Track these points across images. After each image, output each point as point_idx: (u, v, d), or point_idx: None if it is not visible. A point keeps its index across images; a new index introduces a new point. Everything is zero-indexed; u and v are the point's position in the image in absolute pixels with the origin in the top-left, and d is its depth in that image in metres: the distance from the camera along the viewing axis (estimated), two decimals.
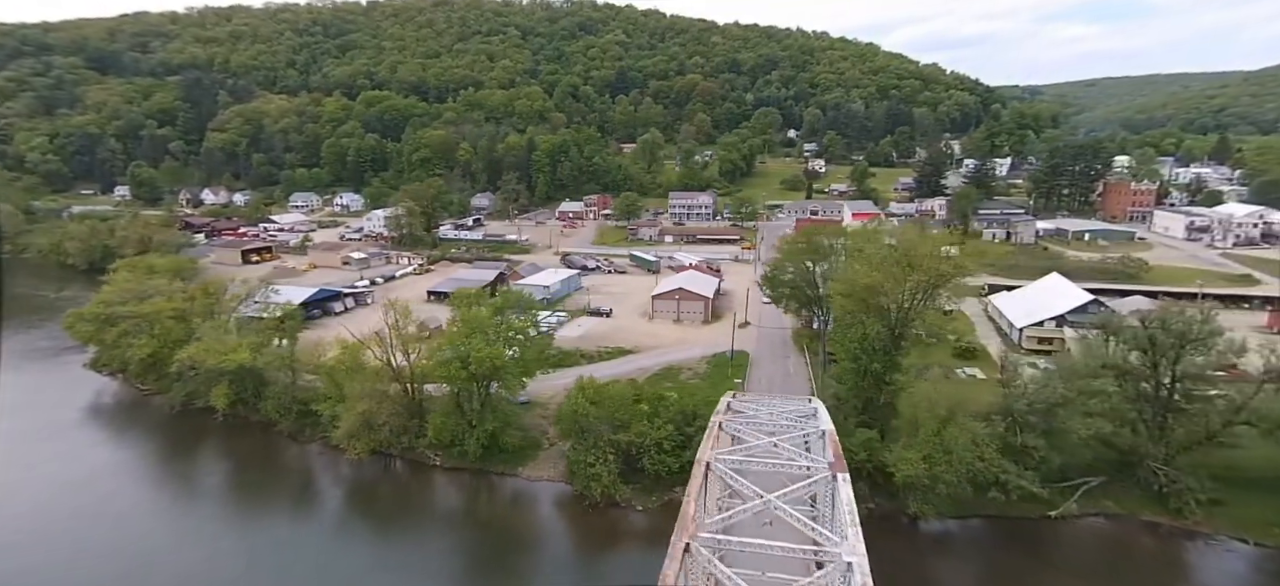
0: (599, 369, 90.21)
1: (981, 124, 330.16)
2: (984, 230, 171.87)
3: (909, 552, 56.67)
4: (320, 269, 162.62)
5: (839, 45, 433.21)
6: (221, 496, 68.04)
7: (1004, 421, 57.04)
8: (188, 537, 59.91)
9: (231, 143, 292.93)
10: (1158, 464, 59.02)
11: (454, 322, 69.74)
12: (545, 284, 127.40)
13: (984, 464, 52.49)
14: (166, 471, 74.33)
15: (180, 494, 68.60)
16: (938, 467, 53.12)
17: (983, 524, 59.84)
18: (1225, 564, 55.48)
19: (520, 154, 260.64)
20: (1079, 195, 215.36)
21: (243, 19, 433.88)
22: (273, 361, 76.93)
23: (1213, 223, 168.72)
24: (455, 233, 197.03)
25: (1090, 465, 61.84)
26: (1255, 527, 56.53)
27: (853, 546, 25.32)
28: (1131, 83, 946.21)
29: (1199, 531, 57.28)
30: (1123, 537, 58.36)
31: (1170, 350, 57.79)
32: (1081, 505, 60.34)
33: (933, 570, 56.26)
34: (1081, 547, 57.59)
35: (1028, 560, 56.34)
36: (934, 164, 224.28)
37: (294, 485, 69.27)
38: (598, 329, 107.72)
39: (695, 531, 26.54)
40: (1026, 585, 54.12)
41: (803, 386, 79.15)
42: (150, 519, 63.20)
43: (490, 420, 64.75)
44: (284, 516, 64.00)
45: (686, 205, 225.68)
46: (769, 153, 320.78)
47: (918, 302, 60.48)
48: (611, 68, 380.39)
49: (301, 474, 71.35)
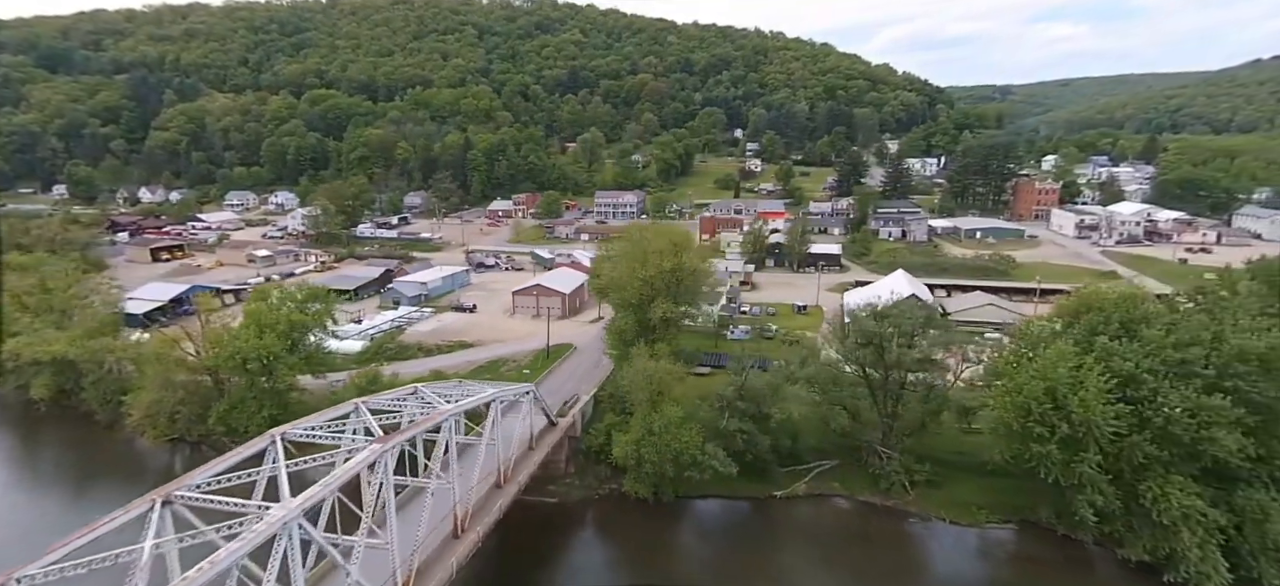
0: (436, 361, 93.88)
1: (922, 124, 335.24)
2: (881, 228, 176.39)
3: (645, 529, 60.29)
4: (226, 266, 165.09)
5: (793, 46, 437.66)
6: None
7: (716, 406, 60.71)
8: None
9: (173, 141, 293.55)
10: (877, 448, 62.98)
11: (246, 317, 72.58)
12: (423, 280, 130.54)
13: (682, 445, 55.94)
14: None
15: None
16: (644, 448, 56.67)
17: (719, 504, 63.64)
18: (928, 540, 59.38)
19: (457, 153, 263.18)
20: (992, 194, 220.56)
21: (199, 16, 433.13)
22: (88, 353, 79.39)
23: (1100, 221, 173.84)
24: (374, 232, 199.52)
25: (823, 449, 65.85)
26: (957, 508, 60.43)
27: (291, 505, 28.55)
28: (1102, 82, 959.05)
29: (908, 511, 61.18)
30: (841, 516, 62.20)
31: (886, 343, 61.63)
32: (811, 486, 64.32)
33: (667, 544, 59.62)
34: (801, 525, 61.31)
35: (748, 536, 60.15)
36: (852, 164, 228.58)
37: (81, 468, 72.08)
38: (455, 324, 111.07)
39: (174, 491, 29.81)
40: (743, 559, 57.79)
41: (603, 376, 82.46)
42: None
43: (268, 407, 67.70)
44: (63, 498, 66.81)
45: (612, 204, 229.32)
46: (712, 152, 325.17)
47: (661, 294, 63.87)
48: (564, 67, 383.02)
49: (100, 458, 74.09)
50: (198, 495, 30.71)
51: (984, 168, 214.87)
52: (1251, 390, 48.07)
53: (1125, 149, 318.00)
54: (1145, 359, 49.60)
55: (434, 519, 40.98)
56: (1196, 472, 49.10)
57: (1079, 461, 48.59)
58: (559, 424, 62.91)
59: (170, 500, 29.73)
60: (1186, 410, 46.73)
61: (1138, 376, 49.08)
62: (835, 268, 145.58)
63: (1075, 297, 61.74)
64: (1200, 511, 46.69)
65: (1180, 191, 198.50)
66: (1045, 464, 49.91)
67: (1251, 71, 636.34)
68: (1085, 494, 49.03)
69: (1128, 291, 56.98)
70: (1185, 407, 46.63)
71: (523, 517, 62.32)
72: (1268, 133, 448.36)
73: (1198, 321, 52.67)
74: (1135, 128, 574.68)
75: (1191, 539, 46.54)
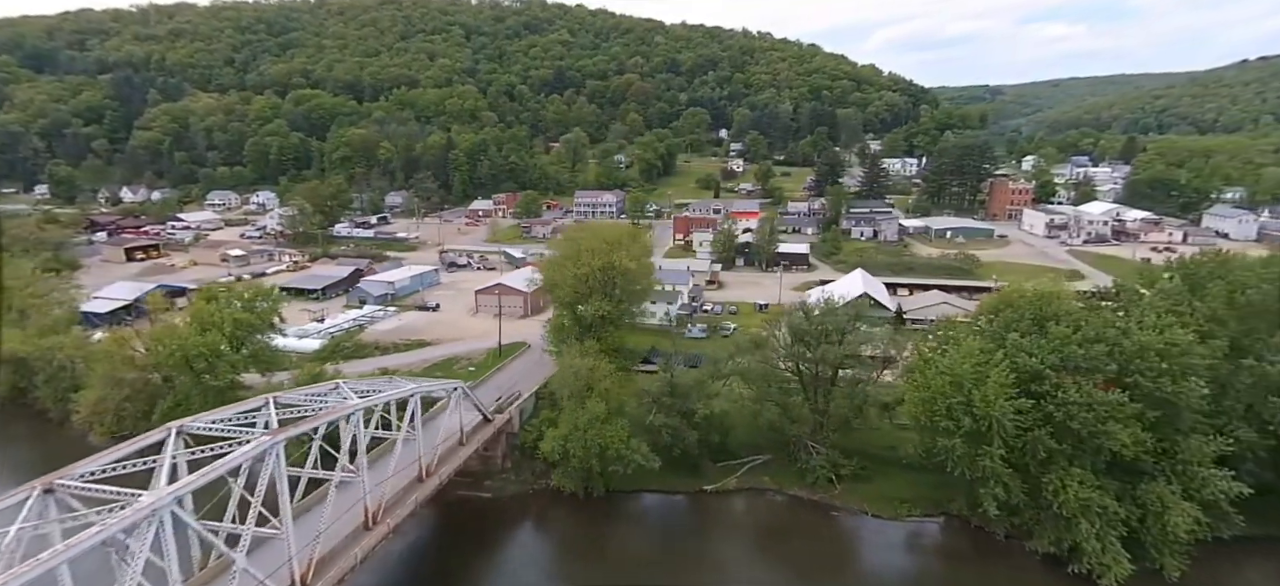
0: (390, 359, 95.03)
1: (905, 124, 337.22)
2: (853, 228, 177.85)
3: (577, 523, 61.46)
4: (200, 265, 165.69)
5: (779, 46, 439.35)
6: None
7: (643, 403, 61.92)
8: None
9: (156, 141, 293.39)
10: (807, 443, 64.25)
11: (191, 316, 73.47)
12: (391, 280, 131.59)
13: (606, 440, 57.09)
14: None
15: None
16: (571, 443, 57.82)
17: (651, 498, 64.85)
18: (853, 533, 60.78)
19: (439, 153, 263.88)
20: (968, 193, 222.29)
21: (186, 16, 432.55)
22: (40, 351, 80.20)
23: (1069, 221, 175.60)
24: (351, 231, 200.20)
25: (758, 445, 67.10)
26: (881, 502, 61.80)
27: (163, 491, 29.58)
28: (1093, 83, 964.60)
29: (834, 505, 62.50)
30: (771, 509, 63.58)
31: (815, 341, 62.92)
32: (742, 481, 65.60)
33: (596, 537, 60.65)
34: (732, 519, 62.62)
35: (677, 530, 61.42)
36: (830, 164, 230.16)
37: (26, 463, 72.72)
38: (417, 322, 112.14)
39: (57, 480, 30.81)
40: (672, 551, 58.92)
41: (548, 373, 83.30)
42: None
43: (212, 404, 68.37)
44: None
45: (592, 204, 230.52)
46: (697, 152, 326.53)
47: (597, 292, 65.03)
48: (550, 67, 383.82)
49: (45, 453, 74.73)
50: (81, 484, 31.67)
51: (959, 167, 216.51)
52: (1152, 387, 49.39)
53: (1105, 149, 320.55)
54: (1050, 354, 50.89)
55: (340, 511, 42.00)
56: (1102, 466, 50.49)
57: (983, 455, 49.88)
58: (494, 420, 63.96)
59: (52, 488, 30.71)
60: (1084, 405, 48.02)
61: (1042, 372, 50.38)
62: (803, 267, 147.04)
63: (996, 295, 63.02)
64: (1100, 504, 48.02)
65: (1151, 191, 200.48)
66: (951, 457, 51.20)
67: (1237, 72, 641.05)
68: (989, 487, 50.33)
69: (1046, 289, 58.22)
70: (1081, 402, 47.90)
71: (458, 512, 63.73)
72: (1251, 133, 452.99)
73: (1104, 319, 54.00)
74: (1122, 128, 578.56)
75: (1089, 530, 47.87)
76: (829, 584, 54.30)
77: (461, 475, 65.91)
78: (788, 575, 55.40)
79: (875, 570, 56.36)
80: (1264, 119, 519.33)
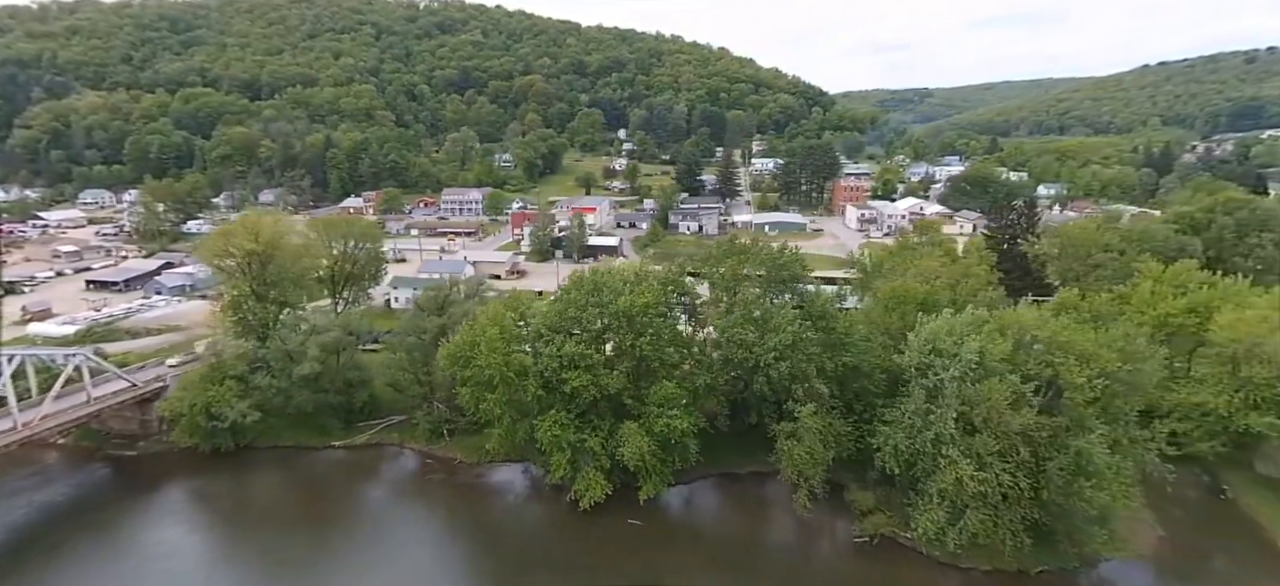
0: (123, 344, 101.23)
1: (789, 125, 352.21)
2: (680, 223, 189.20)
3: (206, 474, 69.20)
4: (32, 262, 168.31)
5: (687, 49, 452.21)
6: None
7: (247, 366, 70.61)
8: None
9: (34, 140, 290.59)
10: (435, 403, 73.52)
11: None
12: (193, 272, 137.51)
13: (209, 400, 65.58)
14: None
15: None
16: (181, 404, 66.02)
17: (284, 451, 73.03)
18: (448, 475, 69.94)
19: (318, 151, 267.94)
20: (814, 191, 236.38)
21: (87, 13, 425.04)
22: None
23: (877, 215, 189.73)
24: (201, 228, 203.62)
25: (403, 406, 76.19)
26: (475, 452, 70.77)
27: None
28: (1021, 86, 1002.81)
29: (436, 453, 71.77)
30: (389, 459, 72.76)
31: (427, 311, 72.20)
32: (375, 437, 74.62)
33: (219, 489, 68.38)
34: (355, 468, 71.34)
35: (300, 480, 69.92)
36: (688, 163, 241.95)
37: None
38: (192, 311, 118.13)
39: None
40: (295, 494, 67.52)
41: None
42: None
43: None
44: None
45: (458, 201, 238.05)
46: (591, 151, 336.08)
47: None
48: (456, 67, 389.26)
49: None
50: None
51: (803, 167, 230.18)
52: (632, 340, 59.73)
53: (974, 150, 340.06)
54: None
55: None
56: (579, 411, 60.50)
57: (486, 402, 59.82)
58: (138, 385, 71.70)
59: None
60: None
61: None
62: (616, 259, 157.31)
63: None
64: (567, 439, 58.05)
65: (969, 188, 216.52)
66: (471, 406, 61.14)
67: (1136, 76, 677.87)
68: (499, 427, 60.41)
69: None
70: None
71: (105, 468, 71.45)
72: (1140, 133, 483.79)
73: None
74: (1027, 130, 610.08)
75: (561, 460, 57.96)
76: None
77: (119, 436, 74.36)
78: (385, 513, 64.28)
79: (440, 501, 65.78)
80: (1152, 120, 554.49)
